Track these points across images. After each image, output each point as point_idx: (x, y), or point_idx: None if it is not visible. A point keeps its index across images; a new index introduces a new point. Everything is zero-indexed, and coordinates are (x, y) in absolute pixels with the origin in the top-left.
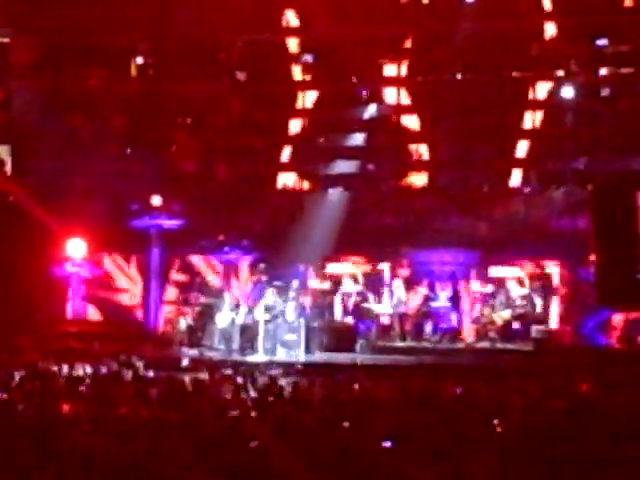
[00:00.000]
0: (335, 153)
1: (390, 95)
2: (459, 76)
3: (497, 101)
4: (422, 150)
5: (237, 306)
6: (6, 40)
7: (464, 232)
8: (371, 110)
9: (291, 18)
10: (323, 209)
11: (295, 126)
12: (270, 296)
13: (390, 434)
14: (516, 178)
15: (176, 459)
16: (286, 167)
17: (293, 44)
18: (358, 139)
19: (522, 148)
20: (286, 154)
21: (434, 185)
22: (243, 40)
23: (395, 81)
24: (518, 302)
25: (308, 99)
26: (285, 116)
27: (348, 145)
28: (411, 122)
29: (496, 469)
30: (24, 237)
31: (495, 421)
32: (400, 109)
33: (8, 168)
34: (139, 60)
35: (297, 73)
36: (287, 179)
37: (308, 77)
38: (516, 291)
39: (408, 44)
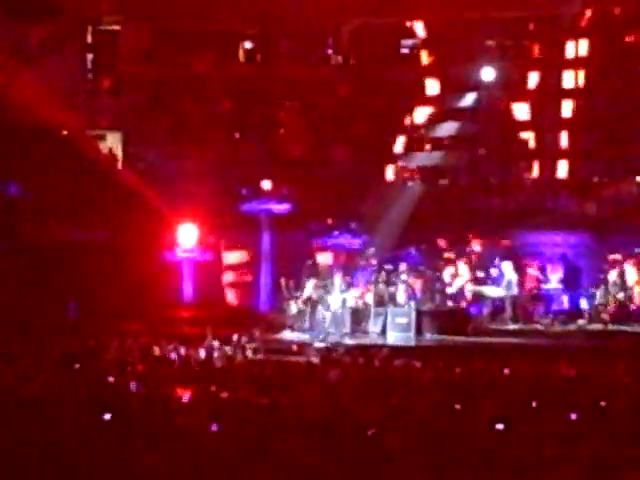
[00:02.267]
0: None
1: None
2: None
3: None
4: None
5: (347, 289)
6: (116, 27)
7: (575, 213)
8: (474, 97)
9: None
10: (431, 193)
11: (405, 116)
12: (380, 279)
13: (502, 417)
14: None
15: (288, 442)
16: (397, 155)
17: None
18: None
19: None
20: (398, 142)
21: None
22: (351, 24)
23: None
24: (632, 284)
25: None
26: (398, 105)
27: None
28: (521, 111)
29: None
30: (136, 223)
31: (603, 403)
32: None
33: (119, 154)
34: (247, 45)
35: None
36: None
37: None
38: (630, 272)
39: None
